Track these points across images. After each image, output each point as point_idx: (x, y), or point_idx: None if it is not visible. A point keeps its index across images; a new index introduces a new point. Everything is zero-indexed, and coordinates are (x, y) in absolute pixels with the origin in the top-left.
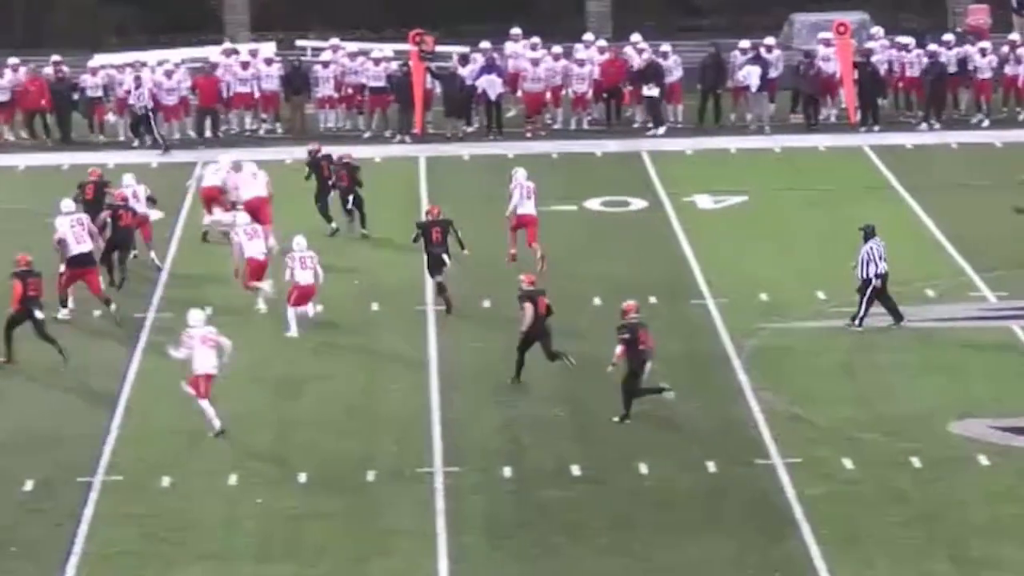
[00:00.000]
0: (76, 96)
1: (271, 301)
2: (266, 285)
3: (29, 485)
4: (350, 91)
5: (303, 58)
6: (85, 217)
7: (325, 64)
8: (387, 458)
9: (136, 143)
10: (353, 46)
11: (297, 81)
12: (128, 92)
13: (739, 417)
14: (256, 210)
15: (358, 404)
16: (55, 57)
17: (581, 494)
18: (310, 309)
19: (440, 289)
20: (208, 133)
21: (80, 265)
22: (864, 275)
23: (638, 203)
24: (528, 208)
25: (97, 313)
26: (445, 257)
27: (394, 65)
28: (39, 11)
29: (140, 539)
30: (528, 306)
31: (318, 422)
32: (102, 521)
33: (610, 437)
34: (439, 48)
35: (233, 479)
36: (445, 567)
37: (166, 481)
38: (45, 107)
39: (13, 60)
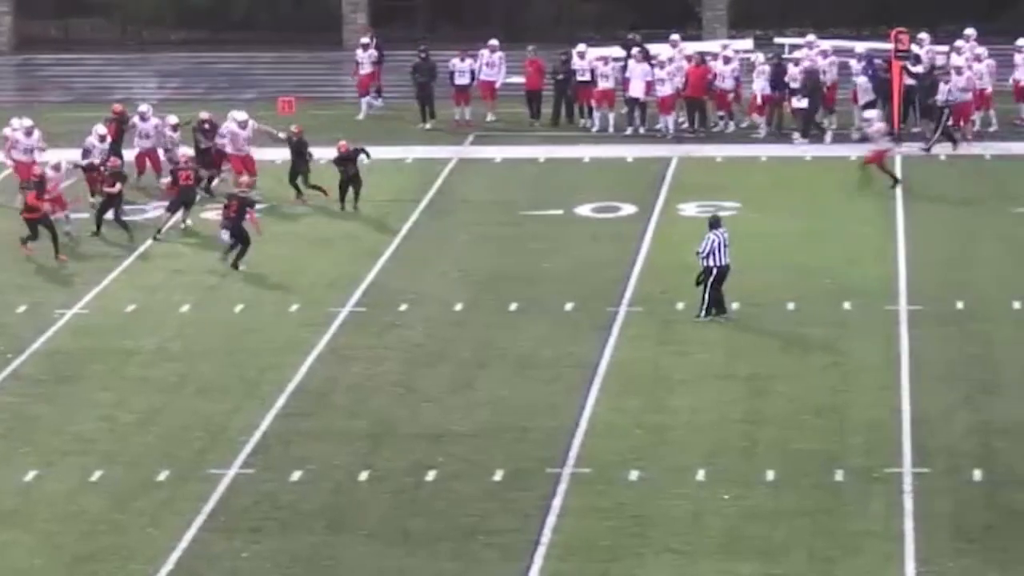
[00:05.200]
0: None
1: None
2: None
3: (499, 475)
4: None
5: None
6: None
7: (796, 62)
8: (855, 458)
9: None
10: (828, 44)
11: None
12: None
13: None
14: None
15: (827, 403)
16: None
17: None
18: None
19: None
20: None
21: None
22: (706, 264)
23: None
24: None
25: (569, 307)
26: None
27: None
28: (517, 6)
29: (606, 532)
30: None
31: (786, 420)
32: (570, 513)
33: None
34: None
35: (701, 475)
36: (912, 569)
37: (634, 475)
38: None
39: (494, 42)
